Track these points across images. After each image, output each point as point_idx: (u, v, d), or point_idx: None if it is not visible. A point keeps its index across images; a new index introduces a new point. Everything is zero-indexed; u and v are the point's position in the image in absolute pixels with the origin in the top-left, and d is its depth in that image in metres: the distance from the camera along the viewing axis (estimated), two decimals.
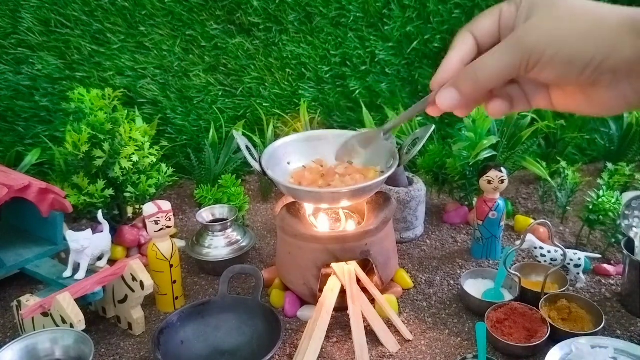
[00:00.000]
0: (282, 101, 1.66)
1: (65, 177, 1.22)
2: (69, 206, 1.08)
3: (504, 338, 0.92)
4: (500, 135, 1.39)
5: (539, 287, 1.02)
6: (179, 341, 0.95)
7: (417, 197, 1.27)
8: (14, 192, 1.00)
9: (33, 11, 1.44)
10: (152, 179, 1.24)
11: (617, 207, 1.17)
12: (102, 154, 1.16)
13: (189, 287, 1.16)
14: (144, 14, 1.51)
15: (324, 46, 1.62)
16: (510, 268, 1.08)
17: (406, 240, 1.30)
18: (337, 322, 1.01)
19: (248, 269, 1.06)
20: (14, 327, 1.03)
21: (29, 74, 1.48)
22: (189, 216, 1.46)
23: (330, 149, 1.13)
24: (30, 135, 1.50)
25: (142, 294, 0.97)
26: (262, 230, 1.39)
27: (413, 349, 0.96)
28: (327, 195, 1.01)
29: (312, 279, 1.02)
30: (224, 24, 1.57)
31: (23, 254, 1.06)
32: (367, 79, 1.65)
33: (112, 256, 1.16)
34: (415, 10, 1.58)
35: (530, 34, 0.39)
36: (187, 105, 1.61)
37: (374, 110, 1.66)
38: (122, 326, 1.03)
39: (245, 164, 1.54)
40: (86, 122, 1.16)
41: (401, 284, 1.12)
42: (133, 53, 1.54)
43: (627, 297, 1.05)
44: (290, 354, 0.95)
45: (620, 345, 0.89)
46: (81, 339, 0.86)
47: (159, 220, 1.01)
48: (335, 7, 1.58)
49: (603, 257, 1.20)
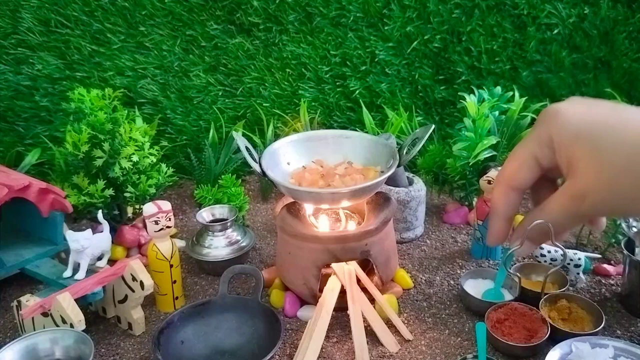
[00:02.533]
0: (282, 101, 1.66)
1: (65, 177, 1.22)
2: (69, 206, 1.08)
3: (504, 338, 0.92)
4: (500, 135, 1.39)
5: (539, 287, 1.02)
6: (179, 341, 0.95)
7: (417, 197, 1.27)
8: (14, 192, 1.00)
9: (33, 11, 1.44)
10: (152, 179, 1.24)
11: None
12: (102, 154, 1.16)
13: (189, 287, 1.16)
14: (144, 14, 1.51)
15: (324, 46, 1.62)
16: (510, 268, 1.08)
17: (406, 240, 1.30)
18: (337, 322, 1.01)
19: (248, 269, 1.06)
20: (14, 327, 1.03)
21: (29, 74, 1.48)
22: (189, 216, 1.46)
23: (330, 149, 1.14)
24: (30, 135, 1.50)
25: (142, 294, 0.97)
26: (262, 230, 1.39)
27: (413, 349, 0.96)
28: (327, 196, 1.01)
29: (312, 279, 1.02)
30: (224, 24, 1.57)
31: (23, 254, 1.06)
32: (367, 79, 1.65)
33: (112, 256, 1.16)
34: (415, 10, 1.58)
35: (583, 204, 0.37)
36: (187, 105, 1.61)
37: (374, 110, 1.66)
38: (122, 326, 1.03)
39: (245, 164, 1.54)
40: (86, 122, 1.16)
41: (401, 284, 1.12)
42: (133, 53, 1.54)
43: (627, 297, 1.05)
44: (290, 354, 0.95)
45: (620, 345, 0.89)
46: (81, 339, 0.86)
47: (159, 220, 1.01)
48: (335, 7, 1.58)
49: (603, 257, 1.20)
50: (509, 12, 1.58)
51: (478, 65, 1.63)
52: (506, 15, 1.58)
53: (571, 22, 1.57)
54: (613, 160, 0.36)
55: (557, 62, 1.61)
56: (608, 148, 0.36)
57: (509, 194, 0.43)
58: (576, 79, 1.64)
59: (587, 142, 0.36)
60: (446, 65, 1.64)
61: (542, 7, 1.56)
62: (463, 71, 1.63)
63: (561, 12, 1.56)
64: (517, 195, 0.43)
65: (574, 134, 0.37)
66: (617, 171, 0.35)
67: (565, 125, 0.38)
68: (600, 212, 0.38)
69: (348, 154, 1.12)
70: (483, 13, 1.58)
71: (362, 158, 1.11)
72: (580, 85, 1.64)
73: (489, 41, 1.60)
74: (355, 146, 1.12)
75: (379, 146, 1.10)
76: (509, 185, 0.42)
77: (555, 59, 1.61)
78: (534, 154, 0.40)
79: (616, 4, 1.56)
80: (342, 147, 1.13)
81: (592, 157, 0.36)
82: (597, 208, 0.37)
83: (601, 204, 0.37)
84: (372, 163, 1.09)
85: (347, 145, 1.13)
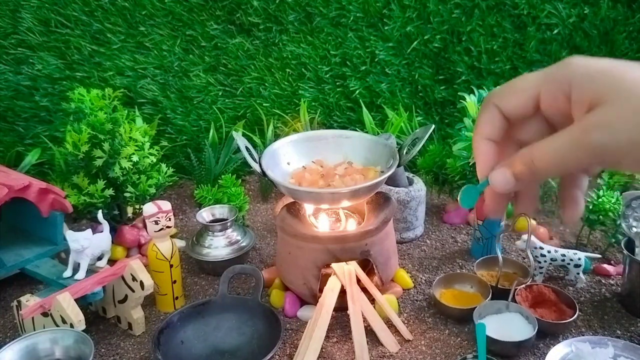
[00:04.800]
0: (282, 101, 1.66)
1: (65, 177, 1.22)
2: (69, 206, 1.08)
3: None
4: None
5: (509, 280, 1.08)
6: (179, 341, 0.95)
7: (417, 197, 1.27)
8: (14, 192, 1.00)
9: (33, 11, 1.44)
10: (152, 179, 1.24)
11: (617, 207, 1.17)
12: (102, 154, 1.16)
13: (189, 287, 1.16)
14: (144, 14, 1.51)
15: (324, 46, 1.62)
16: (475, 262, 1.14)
17: (406, 240, 1.30)
18: (337, 322, 1.01)
19: (248, 269, 1.06)
20: (14, 327, 1.03)
21: (29, 74, 1.48)
22: (189, 216, 1.46)
23: (330, 149, 1.14)
24: (30, 135, 1.50)
25: (142, 294, 0.97)
26: (262, 230, 1.39)
27: (413, 349, 0.96)
28: (327, 196, 1.01)
29: (312, 279, 1.02)
30: (224, 24, 1.57)
31: (23, 254, 1.06)
32: (367, 79, 1.65)
33: (112, 256, 1.16)
34: (415, 10, 1.58)
35: (603, 133, 0.34)
36: (187, 105, 1.61)
37: (374, 110, 1.66)
38: (122, 326, 1.03)
39: (245, 164, 1.54)
40: (86, 122, 1.16)
41: (401, 284, 1.12)
42: (133, 53, 1.54)
43: (627, 297, 1.05)
44: (290, 354, 0.95)
45: (620, 345, 0.89)
46: (81, 339, 0.86)
47: (159, 220, 1.01)
48: (335, 7, 1.58)
49: (603, 257, 1.20)
50: (509, 12, 1.58)
51: (478, 65, 1.63)
52: (506, 15, 1.58)
53: (571, 22, 1.57)
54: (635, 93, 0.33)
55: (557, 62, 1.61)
56: (635, 81, 0.34)
57: (491, 109, 0.39)
58: None
59: (613, 77, 0.35)
60: (446, 65, 1.64)
61: (542, 7, 1.56)
62: (463, 71, 1.63)
63: (561, 12, 1.56)
64: (498, 115, 0.39)
65: (599, 70, 0.35)
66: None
67: (586, 66, 0.36)
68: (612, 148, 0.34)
69: (348, 154, 1.12)
70: (483, 13, 1.58)
71: (362, 158, 1.11)
72: None
73: (489, 41, 1.60)
74: (355, 146, 1.12)
75: (379, 146, 1.10)
76: (493, 100, 0.39)
77: (555, 59, 1.61)
78: (534, 85, 0.38)
79: (616, 4, 1.56)
80: (342, 147, 1.13)
81: (618, 89, 0.34)
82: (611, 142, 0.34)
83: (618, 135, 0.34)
84: (372, 163, 1.09)
85: (347, 145, 1.13)
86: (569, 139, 0.36)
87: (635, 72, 0.35)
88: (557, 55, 1.60)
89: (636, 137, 0.33)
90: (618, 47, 1.59)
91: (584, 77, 0.36)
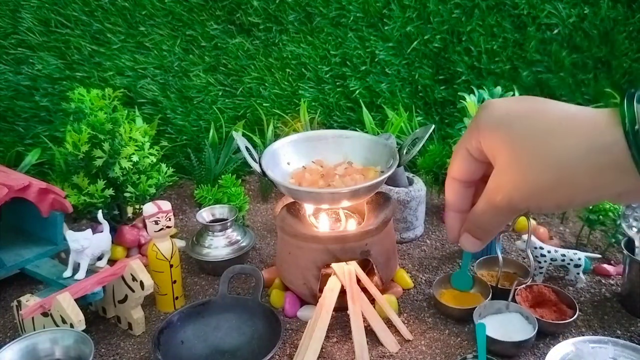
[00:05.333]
0: (282, 101, 1.66)
1: (65, 177, 1.22)
2: (69, 206, 1.08)
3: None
4: None
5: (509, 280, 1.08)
6: (179, 341, 0.95)
7: (417, 197, 1.27)
8: (14, 192, 1.00)
9: (33, 11, 1.44)
10: (152, 179, 1.24)
11: (617, 207, 1.17)
12: (102, 154, 1.16)
13: (189, 287, 1.16)
14: (144, 14, 1.51)
15: (324, 46, 1.62)
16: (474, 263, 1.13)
17: (406, 240, 1.30)
18: (337, 322, 1.01)
19: (248, 269, 1.06)
20: (14, 327, 1.03)
21: (29, 74, 1.48)
22: (189, 216, 1.46)
23: (330, 149, 1.14)
24: (30, 135, 1.50)
25: (142, 294, 0.97)
26: (262, 230, 1.39)
27: (413, 349, 0.96)
28: (327, 196, 1.01)
29: (312, 279, 1.02)
30: (224, 24, 1.57)
31: (23, 254, 1.06)
32: (367, 79, 1.65)
33: (112, 256, 1.16)
34: (415, 10, 1.58)
35: (504, 194, 0.37)
36: (187, 105, 1.61)
37: (374, 110, 1.66)
38: (122, 326, 1.03)
39: (245, 164, 1.54)
40: (86, 122, 1.16)
41: (401, 284, 1.12)
42: (133, 53, 1.54)
43: (627, 297, 1.05)
44: (290, 354, 0.95)
45: (620, 345, 0.89)
46: (81, 339, 0.86)
47: (159, 220, 1.01)
48: (335, 7, 1.58)
49: (603, 257, 1.20)
50: (509, 12, 1.58)
51: (478, 65, 1.63)
52: (506, 15, 1.58)
53: (571, 22, 1.57)
54: (525, 145, 0.35)
55: (557, 62, 1.61)
56: (521, 133, 0.35)
57: (452, 183, 0.43)
58: (576, 79, 1.63)
59: (504, 131, 0.36)
60: (446, 65, 1.64)
61: (542, 7, 1.56)
62: (463, 71, 1.63)
63: (561, 12, 1.56)
64: (460, 186, 0.42)
65: (495, 124, 0.37)
66: (530, 158, 0.35)
67: (489, 116, 0.38)
68: (516, 204, 0.36)
69: (348, 154, 1.12)
70: (483, 13, 1.58)
71: (362, 158, 1.11)
72: (580, 85, 1.64)
73: (489, 41, 1.60)
74: (355, 146, 1.12)
75: (378, 146, 1.10)
76: (450, 175, 0.43)
77: (555, 59, 1.61)
78: (465, 145, 0.41)
79: (616, 4, 1.56)
80: (342, 147, 1.13)
81: (507, 144, 0.36)
82: (513, 200, 0.36)
83: (516, 194, 0.36)
84: (372, 163, 1.09)
85: (347, 145, 1.13)
86: (485, 203, 0.39)
87: (534, 117, 0.36)
88: (557, 55, 1.60)
89: (534, 188, 0.35)
90: (618, 47, 1.59)
91: (487, 126, 0.38)
